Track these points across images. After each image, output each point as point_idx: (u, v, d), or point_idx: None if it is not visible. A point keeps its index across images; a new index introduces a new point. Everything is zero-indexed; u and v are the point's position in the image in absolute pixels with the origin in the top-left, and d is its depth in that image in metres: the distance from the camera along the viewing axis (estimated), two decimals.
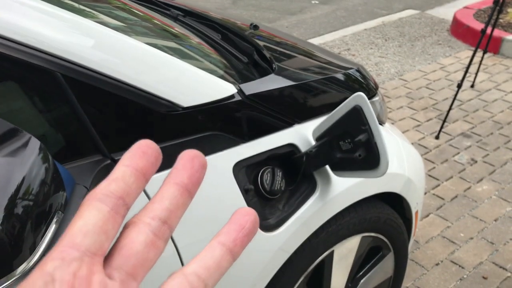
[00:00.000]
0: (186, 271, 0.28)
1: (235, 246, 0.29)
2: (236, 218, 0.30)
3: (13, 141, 0.63)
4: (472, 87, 3.38)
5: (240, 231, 0.29)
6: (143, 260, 0.27)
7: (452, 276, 1.95)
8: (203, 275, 0.28)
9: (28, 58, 0.76)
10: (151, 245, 0.27)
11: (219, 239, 0.29)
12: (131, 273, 0.26)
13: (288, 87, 1.17)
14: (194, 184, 0.29)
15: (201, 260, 0.28)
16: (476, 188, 2.45)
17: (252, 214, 0.30)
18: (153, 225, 0.27)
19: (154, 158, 0.28)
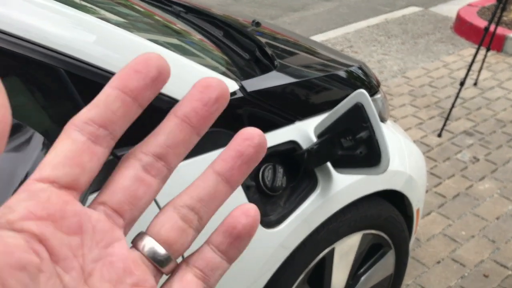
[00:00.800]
0: (176, 203, 0.26)
1: (232, 176, 0.26)
2: (235, 143, 0.26)
3: (17, 136, 0.64)
4: (475, 85, 3.37)
5: (239, 158, 0.26)
6: (131, 196, 0.25)
7: (453, 274, 1.95)
8: (196, 207, 0.26)
9: (31, 53, 0.76)
10: (140, 181, 0.25)
11: (213, 166, 0.26)
12: (117, 209, 0.25)
13: (290, 84, 1.17)
14: (201, 118, 0.25)
15: (194, 191, 0.26)
16: (478, 186, 2.45)
17: (255, 138, 0.26)
18: (144, 160, 0.25)
19: (150, 78, 0.24)
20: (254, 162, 0.26)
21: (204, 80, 0.25)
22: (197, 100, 0.25)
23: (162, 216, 0.26)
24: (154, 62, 0.24)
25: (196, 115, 0.25)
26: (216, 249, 0.26)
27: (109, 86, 0.24)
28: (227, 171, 0.26)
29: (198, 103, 0.25)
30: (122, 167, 0.25)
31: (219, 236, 0.26)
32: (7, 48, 0.74)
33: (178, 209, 0.26)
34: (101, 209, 0.24)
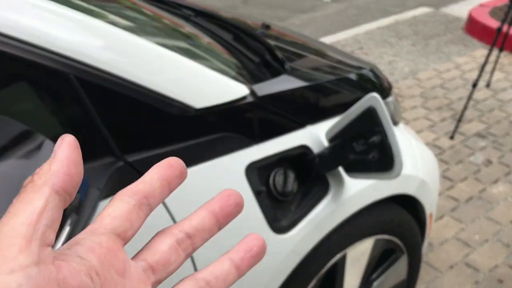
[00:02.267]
0: (197, 276, 0.31)
1: (242, 264, 0.33)
2: (246, 240, 0.33)
3: (28, 143, 0.63)
4: (487, 86, 3.33)
5: (248, 252, 0.33)
6: (165, 260, 0.30)
7: (467, 279, 1.92)
8: (212, 282, 0.31)
9: (40, 59, 0.76)
10: (174, 250, 0.31)
11: (228, 254, 0.33)
12: (152, 267, 0.30)
13: (301, 88, 1.16)
14: (224, 215, 0.32)
15: (211, 269, 0.32)
16: (492, 189, 2.42)
17: (260, 240, 0.33)
18: (178, 236, 0.31)
19: (179, 172, 0.31)
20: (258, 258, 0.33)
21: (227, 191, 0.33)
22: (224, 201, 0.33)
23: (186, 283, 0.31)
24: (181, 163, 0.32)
25: (221, 212, 0.32)
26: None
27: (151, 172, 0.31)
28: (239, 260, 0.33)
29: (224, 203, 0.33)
30: (161, 236, 0.31)
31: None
32: (17, 54, 0.73)
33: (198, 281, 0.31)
34: (141, 263, 0.30)
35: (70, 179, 0.26)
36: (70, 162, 0.26)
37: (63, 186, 0.26)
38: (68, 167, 0.26)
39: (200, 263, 0.93)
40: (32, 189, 0.25)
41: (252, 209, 1.01)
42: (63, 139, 0.27)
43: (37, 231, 0.23)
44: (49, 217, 0.24)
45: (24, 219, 0.23)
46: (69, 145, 0.27)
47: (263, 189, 1.04)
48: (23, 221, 0.23)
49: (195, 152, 0.93)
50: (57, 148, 0.27)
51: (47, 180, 0.25)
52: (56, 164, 0.26)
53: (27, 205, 0.24)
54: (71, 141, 0.27)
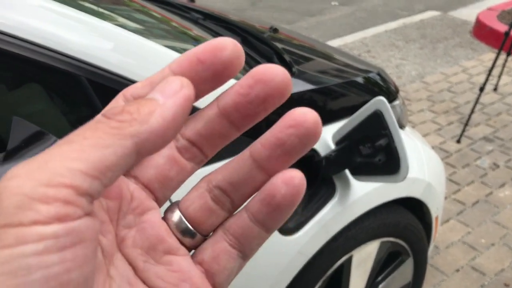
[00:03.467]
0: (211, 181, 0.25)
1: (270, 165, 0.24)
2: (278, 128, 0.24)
3: (39, 144, 0.65)
4: (495, 90, 3.32)
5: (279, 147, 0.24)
6: (162, 175, 0.24)
7: (473, 282, 1.92)
8: (228, 189, 0.25)
9: (52, 61, 0.77)
10: (173, 161, 0.24)
11: (251, 150, 0.24)
12: (146, 185, 0.24)
13: (308, 90, 1.17)
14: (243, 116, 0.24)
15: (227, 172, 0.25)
16: (498, 193, 2.41)
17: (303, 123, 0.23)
18: (180, 143, 0.25)
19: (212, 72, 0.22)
20: (298, 153, 0.24)
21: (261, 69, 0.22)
22: (241, 94, 0.23)
23: (195, 193, 0.25)
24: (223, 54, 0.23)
25: (236, 112, 0.23)
26: (253, 218, 0.25)
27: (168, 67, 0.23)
28: (265, 159, 0.24)
29: (241, 97, 0.23)
30: None
31: (257, 204, 0.24)
32: (29, 56, 0.75)
33: (211, 189, 0.25)
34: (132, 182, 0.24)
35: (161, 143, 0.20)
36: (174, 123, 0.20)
37: (148, 148, 0.20)
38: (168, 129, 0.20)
39: None
40: (115, 132, 0.19)
41: None
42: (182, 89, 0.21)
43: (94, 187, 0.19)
44: (113, 177, 0.19)
45: (88, 168, 0.18)
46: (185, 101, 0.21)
47: None
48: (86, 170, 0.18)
49: None
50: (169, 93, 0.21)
51: (137, 133, 0.19)
52: (158, 121, 0.20)
53: (99, 150, 0.19)
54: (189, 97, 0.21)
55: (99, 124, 0.20)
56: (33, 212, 0.17)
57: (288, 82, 0.22)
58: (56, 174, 0.18)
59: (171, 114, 0.20)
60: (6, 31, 0.72)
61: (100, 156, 0.19)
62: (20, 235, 0.17)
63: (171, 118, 0.20)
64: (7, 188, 0.18)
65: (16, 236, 0.17)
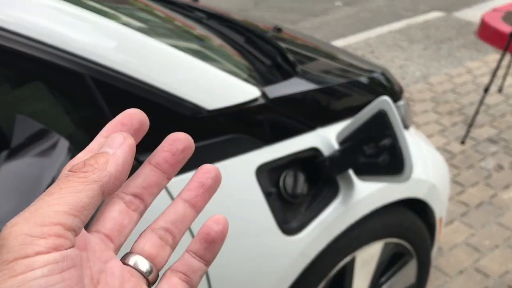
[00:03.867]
0: (154, 227, 0.32)
1: (197, 202, 0.33)
2: (197, 176, 0.33)
3: (43, 141, 0.65)
4: (499, 91, 3.31)
5: (201, 187, 0.33)
6: (118, 225, 0.31)
7: (476, 284, 1.91)
8: (170, 228, 0.32)
9: (56, 59, 0.77)
10: (125, 213, 0.31)
11: (181, 195, 0.33)
12: (108, 235, 0.31)
13: (312, 90, 1.17)
14: (171, 165, 0.32)
15: (167, 216, 0.33)
16: (503, 195, 2.40)
17: (212, 171, 0.33)
18: (125, 199, 0.32)
19: (134, 130, 0.31)
20: (213, 190, 0.33)
21: (174, 135, 0.32)
22: (167, 151, 0.32)
23: (144, 238, 0.32)
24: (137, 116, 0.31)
25: (166, 163, 0.32)
26: (194, 255, 0.32)
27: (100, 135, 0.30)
28: (192, 198, 0.33)
29: (167, 153, 0.32)
30: (109, 204, 0.31)
31: (197, 244, 0.32)
32: (34, 54, 0.75)
33: (156, 231, 0.32)
34: (96, 235, 0.31)
35: (118, 184, 0.27)
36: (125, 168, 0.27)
37: (110, 190, 0.27)
38: (122, 172, 0.27)
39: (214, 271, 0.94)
40: (83, 180, 0.26)
41: (262, 210, 1.02)
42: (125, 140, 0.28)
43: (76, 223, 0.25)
44: (88, 215, 0.26)
45: (68, 209, 0.25)
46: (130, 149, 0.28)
47: (273, 191, 1.05)
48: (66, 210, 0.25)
49: (206, 153, 0.94)
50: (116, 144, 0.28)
51: (100, 178, 0.26)
52: (113, 167, 0.27)
53: (74, 195, 0.25)
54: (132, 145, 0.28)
55: (69, 177, 0.26)
56: (35, 246, 0.23)
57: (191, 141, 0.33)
58: (46, 216, 0.24)
59: (121, 160, 0.27)
60: (11, 29, 0.72)
61: (75, 199, 0.25)
62: (28, 264, 0.23)
63: (122, 163, 0.27)
64: (11, 232, 0.24)
65: (25, 265, 0.23)
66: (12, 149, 0.68)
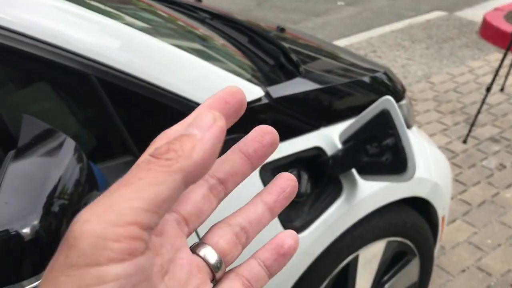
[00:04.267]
0: (231, 222, 0.31)
1: (275, 207, 0.32)
2: (279, 182, 0.32)
3: (50, 141, 0.65)
4: (501, 90, 3.31)
5: (281, 193, 0.32)
6: (198, 210, 0.29)
7: (479, 283, 1.91)
8: (246, 227, 0.31)
9: (62, 60, 0.78)
10: (206, 198, 0.30)
11: (262, 197, 0.32)
12: (186, 218, 0.29)
13: (315, 90, 1.17)
14: (259, 157, 0.31)
15: (245, 213, 0.31)
16: (505, 194, 2.40)
17: (293, 180, 0.32)
18: (210, 182, 0.30)
19: (234, 111, 0.29)
20: (290, 198, 0.32)
21: (264, 127, 0.31)
22: (258, 142, 0.31)
23: (219, 230, 0.31)
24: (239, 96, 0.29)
25: (255, 154, 0.31)
26: (262, 263, 0.31)
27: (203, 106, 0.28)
28: (272, 202, 0.32)
29: (258, 144, 0.31)
30: (194, 185, 0.29)
31: (267, 253, 0.31)
32: (40, 55, 0.76)
33: (233, 227, 0.31)
34: (174, 216, 0.29)
35: (203, 173, 0.24)
36: (212, 155, 0.24)
37: (193, 179, 0.24)
38: (209, 159, 0.24)
39: None
40: (165, 169, 0.22)
41: None
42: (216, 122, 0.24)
43: (153, 221, 0.22)
44: (167, 209, 0.23)
45: (147, 205, 0.22)
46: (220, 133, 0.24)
47: None
48: (144, 207, 0.22)
49: None
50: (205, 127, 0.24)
51: (184, 167, 0.23)
52: (199, 155, 0.23)
53: (154, 187, 0.22)
54: (223, 128, 0.24)
55: (150, 165, 0.23)
56: (108, 251, 0.21)
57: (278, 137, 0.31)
58: (121, 215, 0.21)
59: (210, 146, 0.24)
60: (16, 29, 0.73)
61: (155, 193, 0.22)
62: (99, 276, 0.21)
63: (211, 150, 0.24)
64: (83, 232, 0.21)
65: (96, 276, 0.21)
66: (19, 149, 0.69)
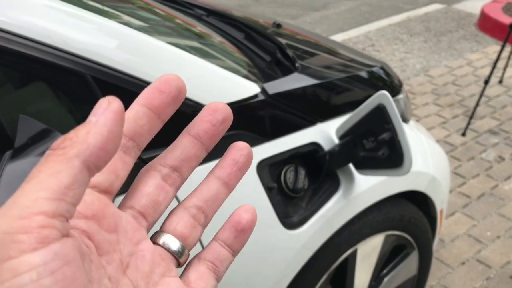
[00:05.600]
0: (186, 204, 0.31)
1: (230, 180, 0.32)
2: (230, 153, 0.32)
3: (46, 141, 0.66)
4: (500, 83, 3.31)
5: (234, 165, 0.31)
6: (153, 201, 0.29)
7: (479, 275, 1.92)
8: (203, 207, 0.31)
9: (58, 60, 0.78)
10: (160, 188, 0.29)
11: (215, 173, 0.31)
12: (142, 212, 0.29)
13: (311, 86, 1.17)
14: (210, 137, 0.30)
15: (199, 193, 0.31)
16: (504, 186, 2.41)
17: (245, 149, 0.32)
18: (163, 172, 0.30)
19: (171, 98, 0.28)
20: (245, 168, 0.32)
21: (213, 104, 0.30)
22: (207, 121, 0.30)
23: (175, 216, 0.31)
24: (175, 83, 0.28)
25: (206, 134, 0.30)
26: (223, 243, 0.31)
27: (137, 103, 0.28)
28: (226, 176, 0.31)
29: (208, 124, 0.30)
30: (145, 177, 0.30)
31: (226, 232, 0.31)
32: (35, 55, 0.76)
33: (188, 209, 0.31)
34: (129, 212, 0.29)
35: (105, 156, 0.23)
36: (111, 136, 0.23)
37: (95, 163, 0.22)
38: (107, 142, 0.22)
39: None
40: (62, 158, 0.22)
41: (264, 205, 1.03)
42: (110, 104, 0.23)
43: (61, 208, 0.21)
44: (75, 195, 0.22)
45: (49, 194, 0.21)
46: (115, 114, 0.23)
47: (275, 186, 1.06)
48: (47, 196, 0.21)
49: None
50: (100, 112, 0.23)
51: (80, 152, 0.22)
52: (94, 137, 0.22)
53: (54, 176, 0.21)
54: (118, 109, 0.23)
55: (48, 157, 0.22)
56: (17, 243, 0.20)
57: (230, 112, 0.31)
58: (25, 207, 0.21)
59: (106, 129, 0.23)
60: (12, 30, 0.73)
61: (56, 181, 0.21)
62: (13, 268, 0.20)
63: (107, 132, 0.23)
64: None
65: (10, 270, 0.20)
66: (16, 149, 0.69)
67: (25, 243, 0.20)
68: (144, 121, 0.28)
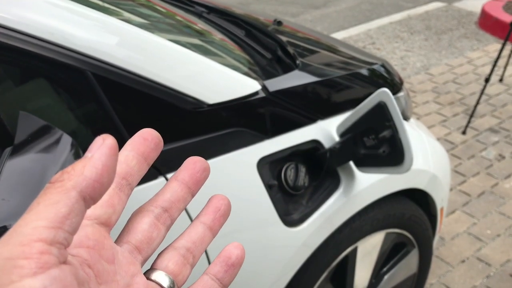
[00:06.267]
0: (175, 245, 0.34)
1: (214, 225, 0.35)
2: (212, 202, 0.35)
3: (46, 137, 0.66)
4: (500, 81, 3.31)
5: (217, 212, 0.35)
6: (148, 238, 0.32)
7: (479, 273, 1.92)
8: (191, 247, 0.34)
9: (58, 56, 0.78)
10: (154, 226, 0.32)
11: (200, 219, 0.35)
12: (138, 247, 0.31)
13: (312, 83, 1.17)
14: (194, 182, 0.34)
15: (188, 236, 0.34)
16: (504, 184, 2.41)
17: (225, 199, 0.36)
18: (155, 212, 0.33)
19: (154, 144, 0.32)
20: (226, 216, 0.35)
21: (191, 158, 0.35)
22: (191, 169, 0.34)
23: (167, 255, 0.33)
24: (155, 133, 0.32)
25: (191, 179, 0.34)
26: (214, 277, 0.34)
27: (125, 150, 0.31)
28: (210, 221, 0.35)
29: (191, 171, 0.34)
30: (138, 216, 0.32)
31: (217, 266, 0.34)
32: (36, 51, 0.76)
33: (178, 250, 0.33)
34: (125, 246, 0.31)
35: (100, 187, 0.25)
36: (105, 169, 0.25)
37: (91, 194, 0.25)
38: (102, 175, 0.25)
39: (214, 254, 0.95)
40: (59, 190, 0.24)
41: (264, 202, 1.03)
42: (104, 141, 0.26)
43: (59, 236, 0.23)
44: (72, 224, 0.24)
45: (47, 223, 0.23)
46: (109, 150, 0.25)
47: (275, 183, 1.06)
48: (46, 225, 0.23)
49: (208, 147, 0.96)
50: (95, 148, 0.26)
51: (77, 184, 0.24)
52: (90, 170, 0.25)
53: (52, 207, 0.23)
54: (111, 145, 0.26)
55: (47, 190, 0.24)
56: (18, 268, 0.22)
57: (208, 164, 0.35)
58: (25, 235, 0.23)
59: (100, 163, 0.25)
60: (13, 27, 0.73)
61: (54, 211, 0.23)
62: None
63: (102, 165, 0.25)
64: None
65: None
66: (16, 146, 0.69)
67: (26, 268, 0.22)
68: (133, 163, 0.31)
